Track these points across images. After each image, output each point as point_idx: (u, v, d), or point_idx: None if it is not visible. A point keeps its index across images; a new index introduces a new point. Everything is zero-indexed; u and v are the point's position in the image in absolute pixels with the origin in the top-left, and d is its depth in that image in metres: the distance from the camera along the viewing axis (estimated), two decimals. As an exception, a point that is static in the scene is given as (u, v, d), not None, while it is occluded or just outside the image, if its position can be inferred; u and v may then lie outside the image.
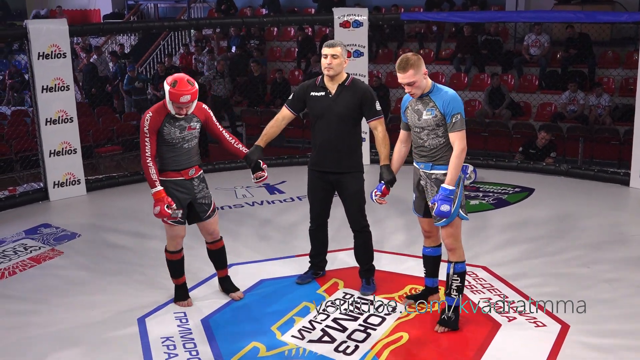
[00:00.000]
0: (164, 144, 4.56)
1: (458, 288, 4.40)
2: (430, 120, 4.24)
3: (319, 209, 5.05)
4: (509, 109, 11.10)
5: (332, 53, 4.70)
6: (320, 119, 4.82)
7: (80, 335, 4.56)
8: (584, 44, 11.35)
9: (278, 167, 9.01)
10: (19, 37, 7.76)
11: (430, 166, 4.32)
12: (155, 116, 4.49)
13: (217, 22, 11.20)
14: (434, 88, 4.28)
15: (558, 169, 8.50)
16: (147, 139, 4.49)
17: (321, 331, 4.52)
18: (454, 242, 4.36)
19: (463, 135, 4.21)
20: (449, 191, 4.19)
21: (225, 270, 5.10)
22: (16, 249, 6.20)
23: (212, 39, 15.15)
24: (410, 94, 4.27)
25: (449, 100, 4.20)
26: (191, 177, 4.69)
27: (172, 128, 4.53)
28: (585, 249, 5.94)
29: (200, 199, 4.75)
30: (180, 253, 4.86)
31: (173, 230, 4.72)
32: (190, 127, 4.61)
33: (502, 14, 11.48)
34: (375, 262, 5.13)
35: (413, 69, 4.16)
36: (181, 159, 4.62)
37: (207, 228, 4.88)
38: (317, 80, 4.87)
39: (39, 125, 7.62)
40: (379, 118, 4.76)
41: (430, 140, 4.28)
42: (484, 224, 6.62)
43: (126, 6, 18.88)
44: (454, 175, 4.20)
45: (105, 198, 7.91)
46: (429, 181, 4.35)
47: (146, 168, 4.52)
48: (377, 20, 9.46)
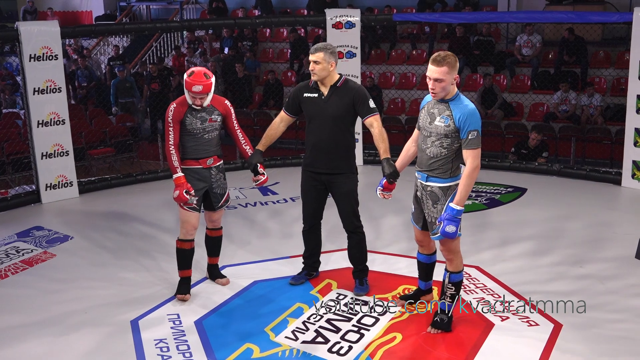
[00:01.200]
0: (186, 133, 4.81)
1: (452, 296, 4.39)
2: (441, 128, 4.10)
3: (312, 209, 5.05)
4: (501, 109, 11.14)
5: (314, 59, 4.74)
6: (314, 120, 4.84)
7: (73, 337, 4.55)
8: (578, 47, 11.39)
9: (271, 168, 9.00)
10: (11, 39, 7.72)
11: (426, 177, 4.23)
12: (179, 107, 4.78)
13: (210, 23, 11.17)
14: (457, 97, 4.11)
15: (550, 169, 8.53)
16: (170, 129, 4.78)
17: (315, 332, 4.52)
18: (451, 254, 4.31)
19: (478, 154, 4.06)
20: (457, 211, 4.04)
21: (217, 259, 5.32)
22: (8, 252, 6.18)
23: (205, 40, 15.14)
24: (433, 91, 4.08)
25: (468, 114, 4.04)
26: (209, 166, 4.92)
27: (193, 119, 4.79)
28: (578, 248, 5.96)
29: (215, 188, 4.99)
30: (190, 243, 4.99)
31: (185, 215, 4.89)
32: (212, 119, 4.86)
33: (494, 14, 11.52)
34: (369, 262, 5.13)
35: (448, 67, 4.00)
36: (200, 149, 4.86)
37: (213, 216, 5.13)
38: (311, 82, 4.89)
39: (31, 128, 7.59)
40: (374, 115, 4.76)
41: (433, 148, 4.16)
42: (476, 224, 6.64)
43: (118, 8, 18.84)
44: (463, 195, 4.05)
45: (97, 200, 7.89)
46: (425, 193, 4.27)
47: (169, 155, 4.80)
48: (370, 21, 9.47)
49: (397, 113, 11.79)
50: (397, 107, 12.03)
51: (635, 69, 7.66)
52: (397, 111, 11.90)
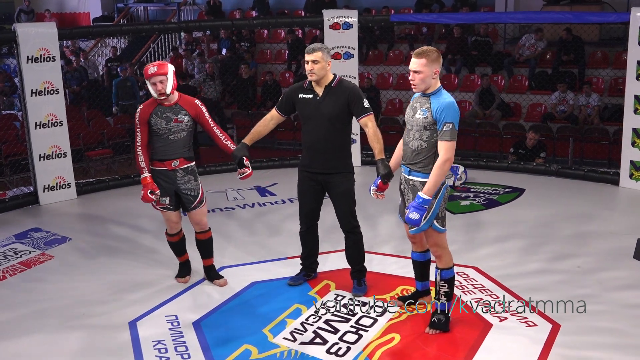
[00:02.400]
0: (153, 134, 4.91)
1: (446, 294, 4.40)
2: (420, 120, 4.19)
3: (309, 210, 5.05)
4: (499, 110, 11.15)
5: (313, 59, 4.72)
6: (309, 120, 4.85)
7: (71, 338, 4.54)
8: (576, 47, 11.39)
9: (269, 169, 9.01)
10: (8, 41, 7.72)
11: (409, 171, 4.29)
12: (145, 108, 4.91)
13: (207, 24, 11.18)
14: (438, 92, 4.20)
15: (548, 169, 8.54)
16: (138, 129, 4.92)
17: (313, 333, 4.52)
18: (439, 250, 4.34)
19: (451, 147, 4.11)
20: (423, 200, 4.11)
21: (211, 260, 5.36)
22: (6, 254, 6.17)
23: (202, 41, 15.14)
24: (412, 82, 4.20)
25: (444, 106, 4.11)
26: (174, 168, 4.96)
27: (158, 119, 4.88)
28: (576, 248, 5.96)
29: (184, 190, 5.02)
30: (177, 236, 5.25)
31: (164, 215, 5.13)
32: (177, 119, 4.90)
33: (492, 15, 11.53)
34: (366, 263, 5.13)
35: (427, 59, 4.12)
36: (167, 150, 4.93)
37: (194, 218, 5.15)
38: (305, 83, 4.89)
39: (29, 129, 7.59)
40: (368, 115, 4.75)
41: (414, 141, 4.23)
42: (475, 224, 6.64)
43: (116, 9, 18.82)
44: (432, 185, 4.12)
45: (95, 201, 7.88)
46: (407, 187, 4.32)
47: (136, 156, 4.95)
48: (367, 21, 9.48)
49: (395, 114, 11.80)
50: (395, 108, 12.03)
51: (633, 69, 7.67)
52: (395, 112, 11.90)
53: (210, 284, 5.33)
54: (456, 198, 7.51)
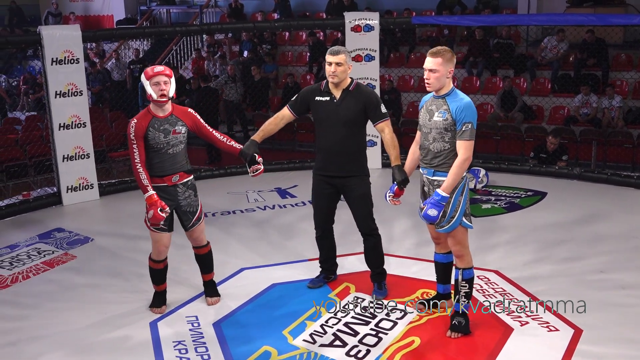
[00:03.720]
0: (150, 149, 4.60)
1: (466, 294, 4.39)
2: (439, 123, 4.19)
3: (324, 215, 5.02)
4: (521, 113, 11.07)
5: (337, 61, 4.68)
6: (325, 123, 4.81)
7: (92, 338, 4.59)
8: (599, 49, 11.28)
9: (290, 170, 9.02)
10: (33, 43, 7.83)
11: (432, 172, 4.29)
12: (140, 122, 4.58)
13: (229, 27, 11.21)
14: (452, 92, 4.23)
15: (571, 173, 8.46)
16: (134, 146, 4.58)
17: (332, 335, 4.52)
18: (461, 249, 4.34)
19: (470, 146, 4.15)
20: (441, 197, 4.14)
21: (210, 275, 5.11)
22: (30, 254, 6.25)
23: (224, 43, 15.22)
24: (427, 82, 4.20)
25: (463, 107, 4.14)
26: (174, 183, 4.70)
27: (156, 132, 4.58)
28: (599, 253, 5.90)
29: (184, 207, 4.76)
30: (163, 263, 4.87)
31: (155, 236, 4.73)
32: (175, 130, 4.64)
33: (514, 17, 11.43)
34: (393, 267, 5.12)
35: (443, 58, 4.15)
36: (165, 165, 4.65)
37: (192, 235, 4.91)
38: (322, 85, 4.86)
39: (53, 130, 7.68)
40: (385, 120, 4.74)
41: (435, 144, 4.23)
42: (496, 228, 6.60)
43: (139, 12, 18.99)
44: (450, 183, 4.15)
45: (118, 202, 7.95)
46: (432, 187, 4.30)
47: (137, 174, 4.58)
48: (389, 24, 9.47)
49: (415, 116, 11.59)
50: (416, 110, 11.94)
51: (658, 71, 7.58)
52: (416, 114, 11.69)
53: (229, 285, 5.35)
54: (477, 201, 7.47)
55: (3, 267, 5.92)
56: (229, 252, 6.04)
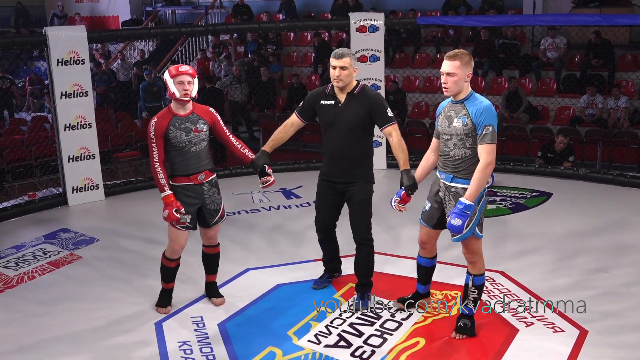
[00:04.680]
0: (172, 148, 4.59)
1: (475, 300, 4.37)
2: (460, 129, 4.10)
3: (326, 218, 4.97)
4: (526, 113, 11.05)
5: (341, 65, 4.60)
6: (330, 127, 4.74)
7: (97, 339, 4.60)
8: (605, 50, 11.25)
9: (295, 171, 9.02)
10: (39, 44, 7.85)
11: (451, 178, 4.19)
12: (160, 121, 4.56)
13: (234, 27, 11.23)
14: (471, 96, 4.15)
15: (576, 173, 8.44)
16: (154, 145, 4.56)
17: (337, 336, 4.52)
18: (474, 256, 4.28)
19: (492, 150, 4.05)
20: (466, 206, 4.03)
21: (214, 277, 5.12)
22: (35, 254, 6.27)
23: (229, 44, 15.23)
24: (445, 86, 4.11)
25: (483, 109, 4.06)
26: (201, 182, 4.69)
27: (177, 131, 4.57)
28: (604, 253, 5.88)
29: (209, 205, 4.76)
30: (176, 262, 4.87)
31: (174, 234, 4.72)
32: (197, 129, 4.62)
33: (519, 17, 11.41)
34: (391, 265, 5.10)
35: (461, 61, 4.07)
36: (190, 164, 4.63)
37: (209, 233, 4.90)
38: (327, 89, 4.79)
39: (58, 131, 7.70)
40: (392, 124, 4.64)
41: (456, 150, 4.15)
42: (501, 229, 6.59)
43: (144, 12, 19.03)
44: (475, 190, 4.03)
45: (123, 203, 7.97)
46: (448, 194, 4.22)
47: (155, 173, 4.58)
48: (394, 24, 9.46)
49: (421, 117, 11.75)
50: (421, 111, 11.99)
51: (664, 72, 7.55)
52: (421, 115, 11.86)
53: (235, 286, 5.35)
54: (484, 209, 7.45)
55: (9, 268, 5.94)
56: (234, 252, 6.05)
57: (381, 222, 6.29)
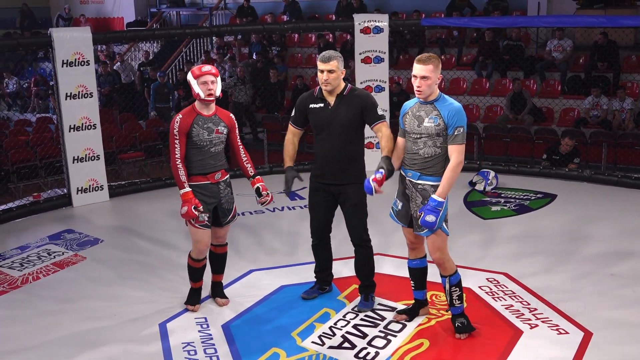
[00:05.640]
0: (192, 146, 4.65)
1: (459, 297, 4.42)
2: (431, 128, 4.20)
3: (321, 223, 4.94)
4: (531, 114, 11.04)
5: (329, 68, 4.60)
6: (321, 130, 4.72)
7: (101, 339, 4.61)
8: (610, 51, 11.22)
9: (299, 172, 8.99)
10: (44, 46, 7.87)
11: (418, 176, 4.27)
12: (185, 118, 4.62)
13: (238, 29, 11.23)
14: (440, 97, 4.25)
15: (581, 175, 8.42)
16: (176, 141, 4.61)
17: (341, 337, 4.52)
18: (441, 256, 4.33)
19: (462, 150, 4.18)
20: (438, 202, 4.15)
21: (220, 277, 5.13)
22: (40, 255, 6.28)
23: (234, 45, 15.25)
24: (419, 89, 4.19)
25: (455, 112, 4.18)
26: (217, 180, 4.76)
27: (200, 130, 4.63)
28: (608, 255, 5.87)
29: (224, 204, 4.83)
30: (203, 262, 4.90)
31: (197, 234, 4.75)
32: (218, 130, 4.71)
33: (524, 19, 11.40)
34: (394, 268, 5.10)
35: (433, 65, 4.17)
36: (208, 163, 4.70)
37: (220, 232, 4.94)
38: (315, 91, 4.78)
39: (63, 132, 7.72)
40: (382, 121, 4.64)
41: (426, 149, 4.23)
42: (505, 230, 6.58)
43: (149, 14, 19.07)
44: (446, 188, 4.17)
45: (127, 204, 7.98)
46: (415, 191, 4.30)
47: (175, 170, 4.62)
48: (398, 26, 9.46)
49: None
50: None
51: (669, 73, 7.53)
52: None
53: (239, 287, 5.36)
54: (487, 203, 7.45)
55: (14, 268, 5.96)
56: (238, 253, 6.05)
57: (375, 224, 6.28)
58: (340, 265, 5.47)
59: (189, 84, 4.65)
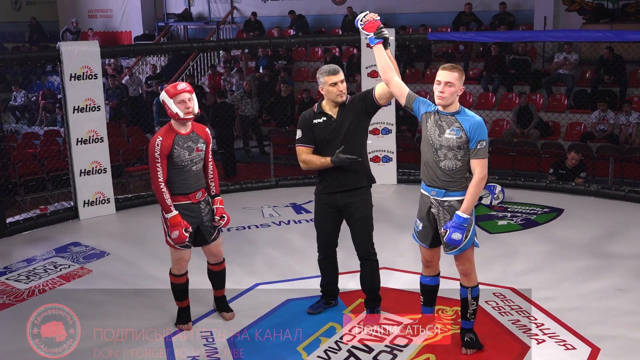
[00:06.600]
0: (174, 167, 4.58)
1: (474, 312, 4.40)
2: (453, 140, 4.14)
3: (328, 237, 4.93)
4: (537, 129, 11.03)
5: (341, 79, 4.68)
6: (328, 143, 4.71)
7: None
8: (617, 65, 11.23)
9: (305, 186, 9.02)
10: (52, 59, 7.93)
11: (444, 193, 4.22)
12: (165, 140, 4.52)
13: (245, 43, 11.29)
14: (462, 110, 4.20)
15: (588, 189, 8.39)
16: (158, 164, 4.52)
17: (347, 352, 4.51)
18: (470, 267, 4.32)
19: (485, 164, 4.14)
20: (463, 219, 4.11)
21: (223, 291, 5.11)
22: (46, 267, 6.29)
23: (241, 59, 15.32)
24: (441, 95, 4.11)
25: (477, 125, 4.12)
26: (198, 200, 4.71)
27: (181, 150, 4.56)
28: (617, 271, 5.84)
29: (206, 222, 4.78)
30: (184, 277, 4.88)
31: (178, 254, 4.73)
32: (198, 148, 4.65)
33: (530, 33, 11.41)
34: (398, 280, 5.07)
35: (459, 73, 4.13)
36: (190, 182, 4.65)
37: (212, 250, 4.90)
38: (315, 107, 4.82)
39: (70, 145, 7.75)
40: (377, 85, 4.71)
41: (447, 162, 4.18)
42: (512, 245, 6.56)
43: (156, 28, 19.19)
44: (470, 204, 4.13)
45: (134, 217, 7.99)
46: (442, 209, 4.25)
47: (160, 193, 4.54)
48: (404, 40, 9.48)
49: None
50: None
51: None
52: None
53: (244, 300, 5.34)
54: (493, 218, 7.43)
55: (20, 281, 5.97)
56: (243, 267, 6.05)
57: (381, 238, 6.27)
58: (346, 279, 5.46)
59: (164, 104, 4.54)
